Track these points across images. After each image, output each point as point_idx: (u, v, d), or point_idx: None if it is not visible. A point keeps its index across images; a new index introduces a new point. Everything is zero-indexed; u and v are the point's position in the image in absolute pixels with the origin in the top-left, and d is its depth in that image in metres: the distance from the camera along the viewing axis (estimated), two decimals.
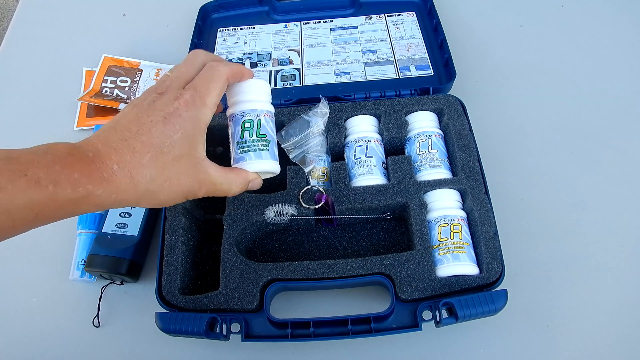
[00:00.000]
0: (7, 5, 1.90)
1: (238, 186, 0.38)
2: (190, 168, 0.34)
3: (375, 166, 0.48)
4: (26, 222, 0.28)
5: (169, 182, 0.33)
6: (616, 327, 0.45)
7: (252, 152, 0.40)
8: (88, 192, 0.29)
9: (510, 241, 0.46)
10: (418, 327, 0.40)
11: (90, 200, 0.30)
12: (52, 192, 0.28)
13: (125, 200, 0.32)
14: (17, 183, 0.27)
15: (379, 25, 0.66)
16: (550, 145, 0.56)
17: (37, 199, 0.27)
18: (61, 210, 0.29)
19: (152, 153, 0.32)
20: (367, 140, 0.50)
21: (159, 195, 0.33)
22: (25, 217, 0.28)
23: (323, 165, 0.49)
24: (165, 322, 0.40)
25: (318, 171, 0.49)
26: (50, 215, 0.29)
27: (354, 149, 0.49)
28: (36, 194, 0.27)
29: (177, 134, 0.33)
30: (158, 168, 0.32)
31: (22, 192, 0.27)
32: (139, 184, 0.32)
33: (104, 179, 0.30)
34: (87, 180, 0.29)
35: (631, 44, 0.64)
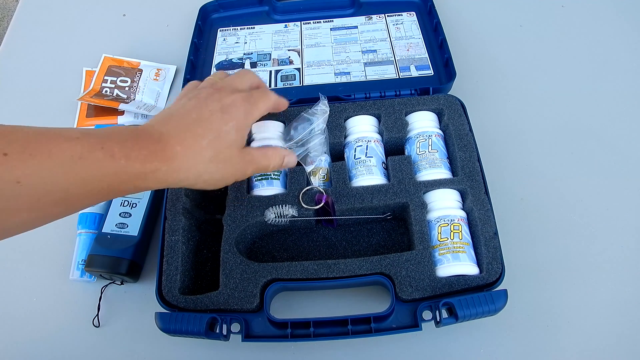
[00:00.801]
0: (7, 5, 1.90)
1: (276, 160, 0.42)
2: (240, 152, 0.39)
3: (375, 166, 0.48)
4: (99, 192, 0.31)
5: (223, 164, 0.37)
6: (616, 327, 0.45)
7: None
8: (155, 168, 0.33)
9: (510, 241, 0.46)
10: (418, 327, 0.40)
11: (155, 176, 0.33)
12: (124, 166, 0.31)
13: (185, 178, 0.35)
14: (95, 154, 0.29)
15: (379, 25, 0.66)
16: (550, 145, 0.56)
17: (111, 171, 0.30)
18: (130, 183, 0.32)
19: (210, 138, 0.36)
20: (367, 140, 0.50)
21: (215, 175, 0.37)
22: (99, 187, 0.30)
23: (324, 165, 0.49)
24: (165, 322, 0.40)
25: (319, 171, 0.49)
26: (119, 189, 0.32)
27: (354, 149, 0.49)
28: (111, 166, 0.30)
29: (232, 122, 0.37)
30: (215, 151, 0.36)
31: (99, 162, 0.29)
32: (198, 164, 0.35)
33: (168, 157, 0.33)
34: (153, 157, 0.32)
35: (631, 44, 0.64)
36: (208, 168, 0.36)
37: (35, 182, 0.27)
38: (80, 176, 0.29)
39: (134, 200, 0.50)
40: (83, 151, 0.29)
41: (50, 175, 0.27)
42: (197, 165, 0.35)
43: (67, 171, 0.28)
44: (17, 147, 0.27)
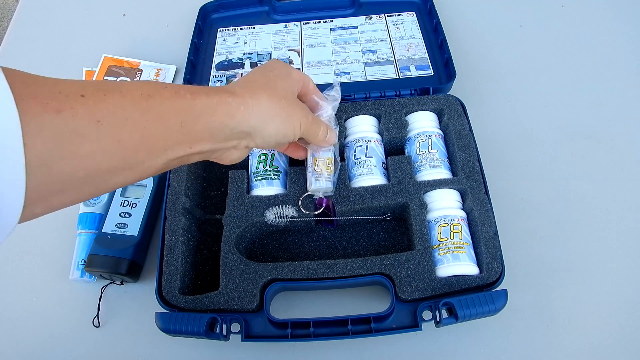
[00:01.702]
0: (7, 5, 1.90)
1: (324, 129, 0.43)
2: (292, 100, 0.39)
3: (375, 166, 0.48)
4: (174, 131, 0.31)
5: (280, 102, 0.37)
6: (616, 327, 0.45)
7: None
8: (221, 100, 0.33)
9: (510, 241, 0.46)
10: (418, 327, 0.40)
11: (224, 109, 0.33)
12: (190, 99, 0.31)
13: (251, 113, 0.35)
14: (161, 92, 0.30)
15: (379, 25, 0.66)
16: (550, 145, 0.56)
17: (179, 106, 0.30)
18: (202, 118, 0.32)
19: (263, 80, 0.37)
20: (367, 140, 0.50)
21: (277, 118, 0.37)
22: (172, 124, 0.30)
23: (330, 155, 0.46)
24: (165, 322, 0.40)
25: (325, 161, 0.46)
26: (192, 125, 0.31)
27: (354, 149, 0.49)
28: (178, 101, 0.30)
29: (272, 72, 0.39)
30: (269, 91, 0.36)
31: (167, 99, 0.30)
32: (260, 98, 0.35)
33: (230, 92, 0.34)
34: (216, 91, 0.33)
35: (631, 44, 0.64)
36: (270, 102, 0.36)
37: (114, 121, 0.27)
38: (153, 112, 0.29)
39: (134, 201, 0.50)
40: (150, 90, 0.29)
41: (126, 113, 0.27)
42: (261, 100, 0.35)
43: (140, 108, 0.28)
44: (91, 89, 0.26)
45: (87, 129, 0.25)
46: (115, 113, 0.27)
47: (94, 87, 0.27)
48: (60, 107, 0.24)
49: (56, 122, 0.24)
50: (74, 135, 0.25)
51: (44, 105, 0.24)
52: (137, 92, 0.29)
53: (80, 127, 0.25)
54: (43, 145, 0.24)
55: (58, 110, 0.24)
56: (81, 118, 0.25)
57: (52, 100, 0.24)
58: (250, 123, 0.35)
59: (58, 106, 0.24)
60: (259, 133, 0.36)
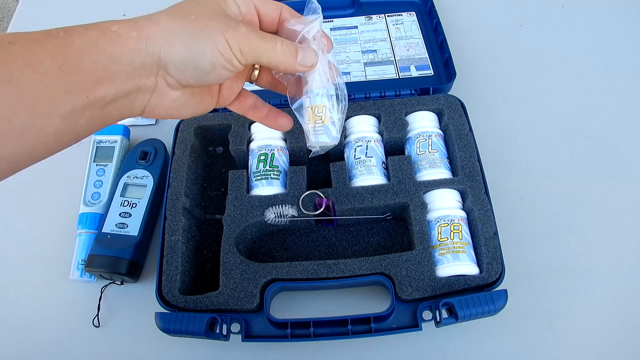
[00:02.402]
0: (7, 5, 1.90)
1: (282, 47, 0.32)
2: (223, 21, 0.30)
3: (375, 166, 0.48)
4: (53, 75, 0.25)
5: (193, 28, 0.29)
6: (616, 327, 0.45)
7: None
8: (103, 29, 0.27)
9: (510, 241, 0.46)
10: (418, 327, 0.40)
11: (110, 39, 0.27)
12: (64, 36, 0.26)
13: (146, 40, 0.28)
14: (27, 36, 0.25)
15: (379, 25, 0.66)
16: (550, 145, 0.56)
17: (51, 47, 0.25)
18: (83, 57, 0.26)
19: (175, 11, 0.30)
20: (367, 140, 0.50)
21: (183, 36, 0.29)
22: (50, 69, 0.25)
23: (320, 102, 0.36)
24: (165, 322, 0.40)
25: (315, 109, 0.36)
26: (74, 69, 0.26)
27: (354, 149, 0.49)
28: (49, 42, 0.25)
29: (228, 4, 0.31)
30: (178, 18, 0.29)
31: (35, 41, 0.25)
32: (162, 18, 0.29)
33: (119, 21, 0.28)
34: (102, 23, 0.27)
35: (631, 44, 0.64)
36: (175, 24, 0.29)
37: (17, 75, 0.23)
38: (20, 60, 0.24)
39: (134, 200, 0.50)
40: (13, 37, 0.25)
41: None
42: (160, 20, 0.29)
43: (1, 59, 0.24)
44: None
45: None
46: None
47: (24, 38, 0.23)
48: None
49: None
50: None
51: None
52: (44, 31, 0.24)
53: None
54: None
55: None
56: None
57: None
58: (151, 50, 0.28)
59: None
60: (169, 61, 0.29)
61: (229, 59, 0.30)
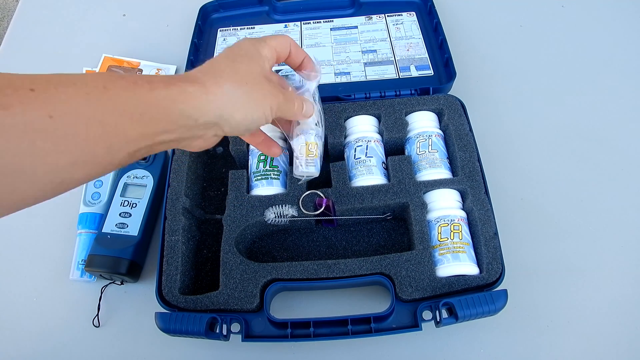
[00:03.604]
0: (7, 5, 1.90)
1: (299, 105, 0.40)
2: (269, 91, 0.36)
3: (375, 166, 0.48)
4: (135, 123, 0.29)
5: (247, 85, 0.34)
6: (616, 327, 0.45)
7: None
8: (181, 89, 0.31)
9: (510, 241, 0.46)
10: (418, 327, 0.40)
11: (183, 97, 0.31)
12: (148, 89, 0.29)
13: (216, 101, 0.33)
14: (118, 82, 0.28)
15: (379, 25, 0.66)
16: (550, 145, 0.56)
17: (137, 97, 0.29)
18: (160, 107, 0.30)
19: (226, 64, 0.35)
20: (367, 140, 0.50)
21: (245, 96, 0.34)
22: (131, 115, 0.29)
23: (312, 140, 0.43)
24: (165, 322, 0.40)
25: (307, 146, 0.43)
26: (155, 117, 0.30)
27: (354, 149, 0.49)
28: (135, 91, 0.29)
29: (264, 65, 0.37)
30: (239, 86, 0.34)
31: (124, 89, 0.28)
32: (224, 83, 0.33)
33: (191, 80, 0.32)
34: (175, 80, 0.31)
35: (631, 44, 0.64)
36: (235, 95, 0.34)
37: (67, 114, 0.26)
38: (110, 104, 0.28)
39: (134, 200, 0.50)
40: (106, 81, 0.28)
41: (81, 105, 0.26)
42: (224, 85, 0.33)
43: (95, 101, 0.27)
44: (42, 82, 0.25)
45: (39, 125, 0.24)
46: (69, 107, 0.26)
47: (46, 81, 0.26)
48: (9, 102, 0.23)
49: (4, 119, 0.23)
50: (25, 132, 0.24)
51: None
52: (92, 83, 0.27)
53: (31, 123, 0.24)
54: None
55: (6, 106, 0.23)
56: (31, 113, 0.24)
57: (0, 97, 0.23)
58: (215, 112, 0.33)
59: (6, 102, 0.23)
60: (226, 122, 0.34)
61: (267, 119, 0.37)
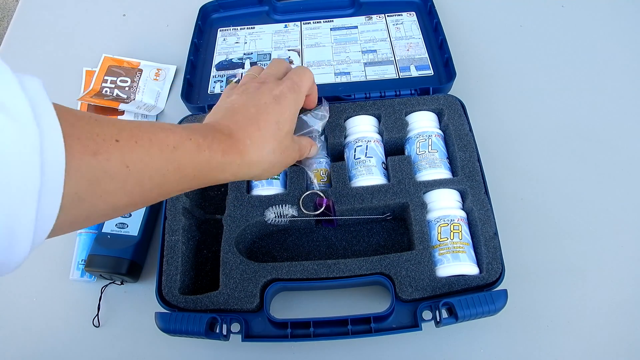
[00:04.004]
0: (7, 5, 1.90)
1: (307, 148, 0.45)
2: (293, 140, 0.42)
3: (375, 166, 0.48)
4: (187, 180, 0.34)
5: (282, 153, 0.40)
6: (616, 327, 0.45)
7: None
8: (231, 161, 0.35)
9: (510, 241, 0.46)
10: (418, 327, 0.40)
11: (231, 168, 0.36)
12: (209, 156, 0.34)
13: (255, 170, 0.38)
14: (186, 144, 0.32)
15: (379, 25, 0.66)
16: (550, 145, 0.56)
17: (198, 160, 0.33)
18: (213, 172, 0.35)
19: (272, 129, 0.39)
20: (367, 140, 0.50)
21: (276, 166, 0.40)
22: (188, 175, 0.33)
23: (323, 167, 0.50)
24: (165, 322, 0.40)
25: (319, 172, 0.49)
26: (205, 178, 0.35)
27: (354, 149, 0.49)
28: (198, 156, 0.33)
29: (286, 113, 0.40)
30: (276, 141, 0.39)
31: (189, 152, 0.33)
32: (265, 156, 0.38)
33: (241, 151, 0.36)
34: (230, 150, 0.35)
35: (631, 44, 0.64)
36: (272, 158, 0.39)
37: (140, 167, 0.29)
38: (175, 163, 0.32)
39: None
40: (176, 141, 0.32)
41: (152, 161, 0.30)
42: (265, 157, 0.38)
43: (164, 158, 0.31)
44: (126, 134, 0.29)
45: (116, 172, 0.28)
46: (143, 160, 0.30)
47: (128, 133, 0.29)
48: (98, 149, 0.27)
49: (92, 163, 0.26)
50: (104, 176, 0.27)
51: (84, 147, 0.26)
52: (164, 142, 0.31)
53: (111, 170, 0.27)
54: (77, 183, 0.25)
55: (95, 153, 0.26)
56: (113, 162, 0.27)
57: (91, 142, 0.26)
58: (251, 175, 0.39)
59: (96, 149, 0.26)
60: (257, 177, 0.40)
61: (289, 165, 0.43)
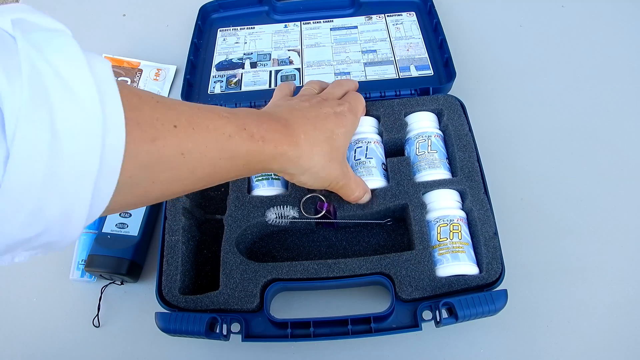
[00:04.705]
0: None
1: (361, 192, 0.44)
2: (343, 160, 0.42)
3: (375, 167, 0.48)
4: (238, 168, 0.34)
5: (331, 163, 0.39)
6: (616, 327, 0.45)
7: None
8: (283, 152, 0.35)
9: (510, 241, 0.46)
10: (418, 327, 0.40)
11: (282, 159, 0.36)
12: (261, 146, 0.34)
13: (302, 167, 0.38)
14: (241, 134, 0.32)
15: (378, 25, 0.66)
16: (550, 145, 0.56)
17: (250, 150, 0.33)
18: (262, 163, 0.35)
19: (327, 135, 0.39)
20: (367, 141, 0.50)
21: (320, 172, 0.39)
22: (239, 163, 0.33)
23: None
24: (165, 322, 0.40)
25: None
26: (253, 167, 0.35)
27: (354, 150, 0.49)
28: (251, 146, 0.33)
29: (343, 128, 0.41)
30: (327, 148, 0.39)
31: (244, 141, 0.32)
32: (315, 155, 0.38)
33: (295, 142, 0.36)
34: (284, 140, 0.35)
35: (631, 44, 0.64)
36: (321, 162, 0.38)
37: (196, 155, 0.29)
38: (229, 152, 0.32)
39: None
40: (232, 130, 0.32)
41: (207, 149, 0.30)
42: (314, 157, 0.38)
43: (219, 147, 0.31)
44: (184, 120, 0.28)
45: (172, 159, 0.28)
46: (198, 148, 0.29)
47: (187, 119, 0.29)
48: (156, 135, 0.26)
49: (149, 149, 0.26)
50: (159, 163, 0.27)
51: (143, 132, 0.26)
52: (221, 130, 0.31)
53: (167, 156, 0.27)
54: (133, 169, 0.25)
55: (153, 139, 0.26)
56: (170, 148, 0.27)
57: (150, 128, 0.26)
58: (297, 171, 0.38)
59: (154, 135, 0.26)
60: (297, 179, 0.40)
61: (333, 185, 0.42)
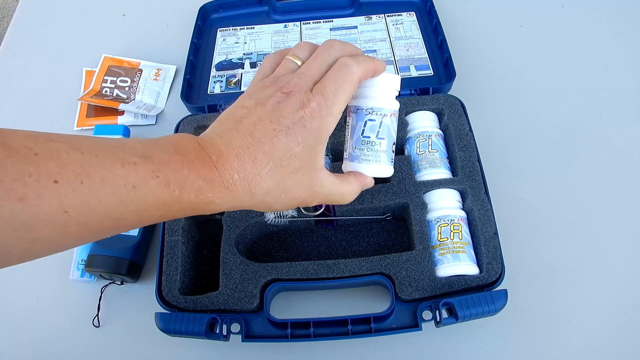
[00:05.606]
0: (7, 5, 1.90)
1: (351, 195, 0.38)
2: (307, 180, 0.34)
3: (385, 151, 0.44)
4: (151, 219, 0.29)
5: (284, 194, 0.33)
6: (616, 327, 0.45)
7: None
8: (208, 200, 0.30)
9: (510, 241, 0.46)
10: (418, 327, 0.40)
11: (208, 207, 0.31)
12: (178, 197, 0.29)
13: (242, 206, 0.32)
14: (149, 184, 0.27)
15: (378, 25, 0.66)
16: (550, 145, 0.56)
17: (164, 201, 0.28)
18: (181, 212, 0.30)
19: (272, 165, 0.31)
20: (383, 114, 0.46)
21: (273, 205, 0.33)
22: (151, 215, 0.29)
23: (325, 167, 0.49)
24: (165, 322, 0.40)
25: None
26: (171, 216, 0.30)
27: (364, 122, 0.46)
28: (164, 196, 0.28)
29: (298, 146, 0.32)
30: (276, 181, 0.32)
31: (153, 193, 0.28)
32: (255, 195, 0.32)
33: (225, 187, 0.30)
34: (209, 187, 0.30)
35: (631, 44, 0.64)
36: (266, 199, 0.32)
37: (85, 211, 0.25)
38: (133, 205, 0.27)
39: None
40: (137, 180, 0.27)
41: (101, 204, 0.26)
42: (254, 197, 0.32)
43: (118, 200, 0.26)
44: (69, 172, 0.25)
45: (51, 217, 0.24)
46: (89, 204, 0.25)
47: (74, 170, 0.25)
48: (25, 194, 0.23)
49: (17, 209, 0.23)
50: (37, 222, 0.24)
51: (7, 191, 0.22)
52: (121, 180, 0.26)
53: (45, 215, 0.24)
54: (1, 232, 0.23)
55: (22, 198, 0.23)
56: (46, 207, 0.24)
57: (18, 186, 0.23)
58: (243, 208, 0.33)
59: (23, 193, 0.23)
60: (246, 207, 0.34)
61: (305, 205, 0.36)
